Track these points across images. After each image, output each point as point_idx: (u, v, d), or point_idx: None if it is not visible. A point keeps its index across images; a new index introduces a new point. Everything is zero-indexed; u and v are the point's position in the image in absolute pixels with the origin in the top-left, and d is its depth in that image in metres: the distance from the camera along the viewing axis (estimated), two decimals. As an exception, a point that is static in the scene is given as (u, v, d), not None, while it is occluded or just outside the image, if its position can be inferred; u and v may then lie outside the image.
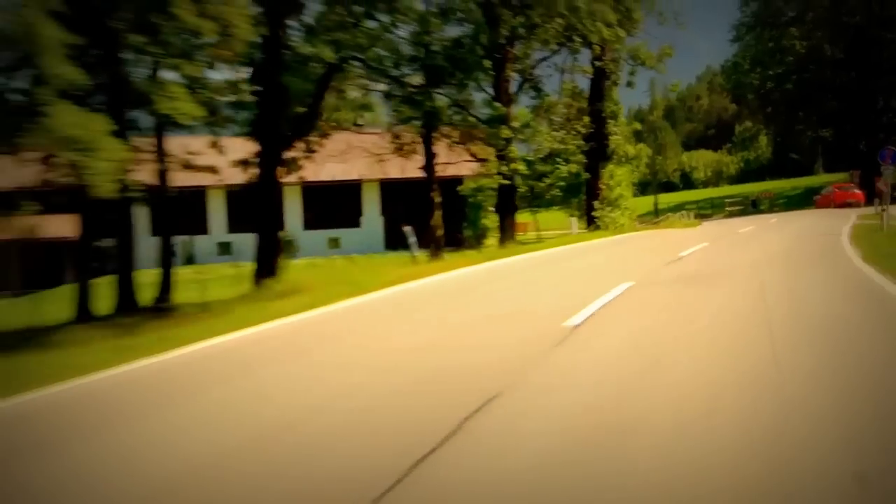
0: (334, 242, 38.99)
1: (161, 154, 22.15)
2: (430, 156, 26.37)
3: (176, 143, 22.87)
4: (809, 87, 51.36)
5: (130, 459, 4.46)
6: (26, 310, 24.27)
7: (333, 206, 40.49)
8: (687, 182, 78.96)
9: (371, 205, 41.56)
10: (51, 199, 23.60)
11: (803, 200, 50.14)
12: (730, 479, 3.41)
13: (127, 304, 21.26)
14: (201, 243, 39.36)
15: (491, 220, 34.77)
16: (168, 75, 19.65)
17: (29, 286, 36.11)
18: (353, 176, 38.97)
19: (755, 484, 3.34)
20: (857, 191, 42.27)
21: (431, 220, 26.41)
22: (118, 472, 4.19)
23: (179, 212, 27.53)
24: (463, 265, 16.98)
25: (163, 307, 20.54)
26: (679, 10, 34.03)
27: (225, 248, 39.82)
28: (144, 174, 20.57)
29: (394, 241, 34.34)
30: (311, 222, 40.94)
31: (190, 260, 38.02)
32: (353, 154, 31.89)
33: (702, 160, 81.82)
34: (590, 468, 3.66)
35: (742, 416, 4.34)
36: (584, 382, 5.48)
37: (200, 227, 40.27)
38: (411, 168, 31.56)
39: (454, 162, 28.96)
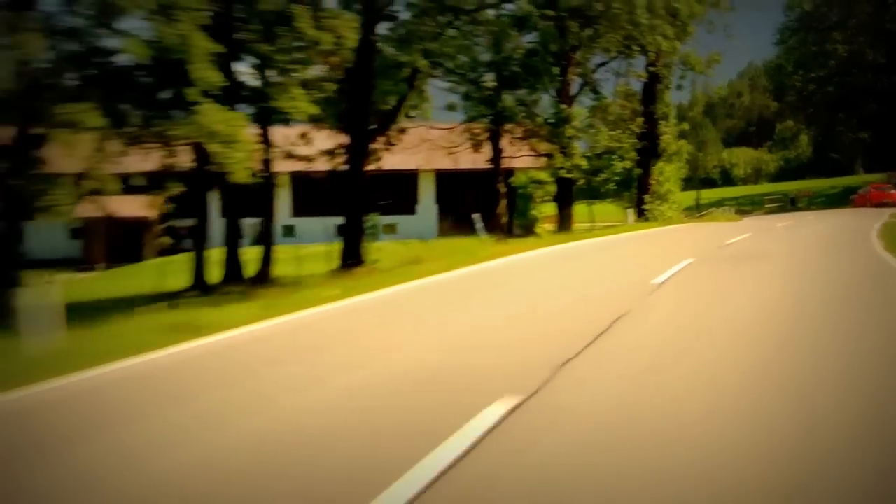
0: (390, 228, 42.04)
1: (266, 144, 25.55)
2: (497, 150, 29.65)
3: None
4: (850, 91, 53.76)
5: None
6: (142, 279, 27.83)
7: (391, 193, 43.58)
8: (726, 179, 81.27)
9: (426, 193, 44.70)
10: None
11: (841, 199, 52.31)
12: (762, 333, 6.71)
13: (234, 276, 24.65)
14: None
15: (539, 210, 37.93)
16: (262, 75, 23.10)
17: (112, 261, 39.87)
18: (411, 166, 42.02)
19: (786, 344, 6.62)
20: (893, 191, 44.47)
21: (497, 208, 29.69)
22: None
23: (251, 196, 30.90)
24: (539, 246, 20.26)
25: (269, 279, 23.98)
26: (728, 23, 36.80)
27: (288, 231, 43.10)
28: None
29: (447, 228, 37.50)
30: (369, 208, 43.93)
31: (255, 241, 41.38)
32: (411, 145, 35.09)
33: (742, 157, 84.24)
34: (688, 351, 6.98)
35: (781, 321, 7.67)
36: (677, 308, 8.79)
37: (253, 211, 43.50)
38: (466, 160, 34.77)
39: (516, 156, 32.13)
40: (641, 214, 32.61)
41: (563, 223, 29.81)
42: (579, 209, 35.77)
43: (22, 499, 3.81)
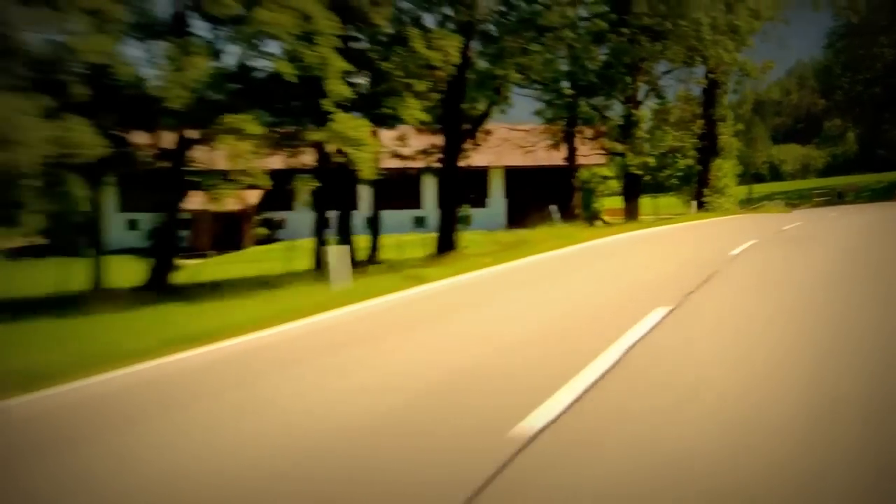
0: (463, 220, 45.30)
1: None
2: (572, 150, 32.92)
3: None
4: (896, 94, 56.10)
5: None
6: (266, 263, 31.58)
7: (464, 188, 46.85)
8: (775, 174, 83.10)
9: (496, 188, 47.99)
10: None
11: (887, 193, 54.05)
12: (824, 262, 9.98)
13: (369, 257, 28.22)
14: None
15: (601, 203, 41.01)
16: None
17: (216, 248, 43.86)
18: (482, 163, 45.27)
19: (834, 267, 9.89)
20: (936, 187, 46.74)
21: (572, 200, 32.97)
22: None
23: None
24: (622, 231, 23.52)
25: (378, 261, 27.51)
26: (782, 34, 39.36)
27: (369, 222, 46.59)
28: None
29: (515, 220, 40.78)
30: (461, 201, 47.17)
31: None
32: (483, 144, 38.42)
33: (790, 154, 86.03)
34: (757, 291, 10.26)
35: (830, 277, 10.91)
36: (751, 269, 12.06)
37: (351, 204, 47.20)
38: (534, 158, 38.03)
39: (585, 154, 35.34)
40: (701, 206, 35.67)
41: (631, 214, 32.99)
42: (643, 201, 38.81)
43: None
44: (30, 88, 20.26)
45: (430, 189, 45.83)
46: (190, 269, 29.80)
